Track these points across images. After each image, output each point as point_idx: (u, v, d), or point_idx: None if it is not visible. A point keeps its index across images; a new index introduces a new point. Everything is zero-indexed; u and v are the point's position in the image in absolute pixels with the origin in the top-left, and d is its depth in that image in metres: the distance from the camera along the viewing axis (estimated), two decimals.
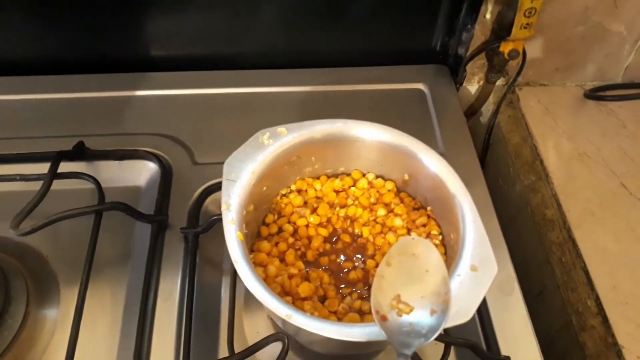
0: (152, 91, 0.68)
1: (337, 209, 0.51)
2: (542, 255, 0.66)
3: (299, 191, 0.52)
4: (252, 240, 0.48)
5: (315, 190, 0.52)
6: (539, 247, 0.67)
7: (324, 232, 0.49)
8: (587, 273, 0.58)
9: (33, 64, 0.68)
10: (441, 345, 0.48)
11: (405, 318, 0.37)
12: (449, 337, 0.47)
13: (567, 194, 0.64)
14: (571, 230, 0.61)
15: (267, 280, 0.44)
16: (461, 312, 0.38)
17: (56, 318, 0.51)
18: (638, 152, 0.69)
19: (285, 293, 0.44)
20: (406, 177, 0.50)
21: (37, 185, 0.53)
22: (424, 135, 0.51)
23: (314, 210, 0.51)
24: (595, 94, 0.74)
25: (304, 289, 0.44)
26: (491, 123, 0.76)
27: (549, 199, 0.66)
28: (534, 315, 0.52)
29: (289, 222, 0.50)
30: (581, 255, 0.59)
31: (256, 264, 0.46)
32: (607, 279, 0.57)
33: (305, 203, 0.51)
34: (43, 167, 0.56)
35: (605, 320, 0.55)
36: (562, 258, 0.62)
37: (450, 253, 0.46)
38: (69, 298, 0.52)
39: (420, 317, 0.37)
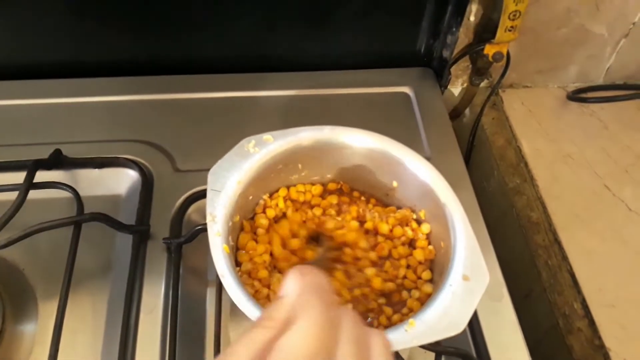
0: (130, 96, 0.66)
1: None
2: (528, 258, 0.66)
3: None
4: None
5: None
6: (524, 250, 0.67)
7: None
8: (573, 276, 0.58)
9: (6, 68, 0.66)
10: (431, 354, 0.47)
11: None
12: (439, 346, 0.46)
13: (552, 196, 0.64)
14: (557, 233, 0.61)
15: (256, 296, 0.43)
16: (453, 324, 0.37)
17: (34, 333, 0.49)
18: (620, 153, 0.69)
19: None
20: (395, 184, 0.49)
21: (11, 195, 0.51)
22: (410, 138, 0.50)
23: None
24: (577, 96, 0.74)
25: None
26: (475, 125, 0.76)
27: (534, 202, 0.66)
28: (520, 319, 0.52)
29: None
30: (567, 258, 0.59)
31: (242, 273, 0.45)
32: (593, 282, 0.57)
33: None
34: (18, 177, 0.53)
35: (591, 322, 0.55)
36: (548, 261, 0.62)
37: (439, 260, 0.45)
38: (47, 312, 0.50)
39: None
